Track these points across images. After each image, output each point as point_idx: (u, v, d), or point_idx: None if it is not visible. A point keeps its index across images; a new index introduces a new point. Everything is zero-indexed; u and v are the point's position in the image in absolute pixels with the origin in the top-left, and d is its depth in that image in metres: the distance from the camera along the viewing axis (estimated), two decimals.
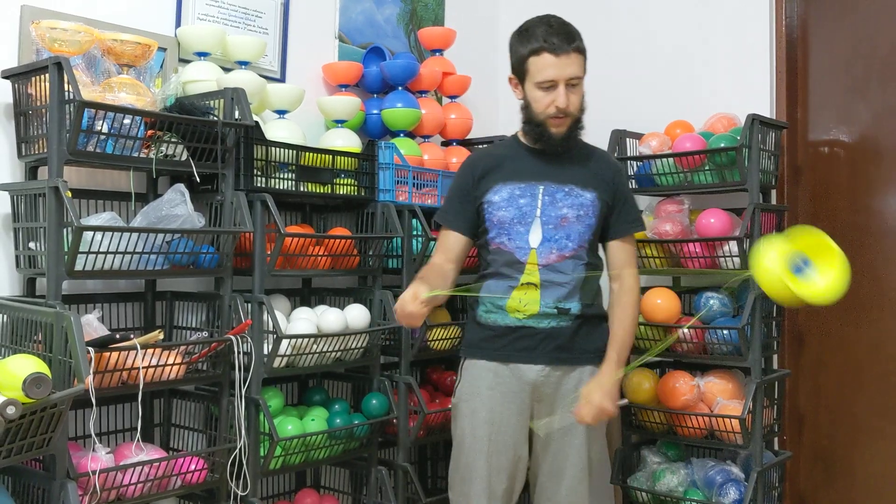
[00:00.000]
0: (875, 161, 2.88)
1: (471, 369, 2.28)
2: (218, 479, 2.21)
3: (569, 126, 2.22)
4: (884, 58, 2.86)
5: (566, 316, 2.20)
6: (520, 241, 2.21)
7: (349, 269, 2.57)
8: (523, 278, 2.20)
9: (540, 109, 2.20)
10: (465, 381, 2.29)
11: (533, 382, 2.21)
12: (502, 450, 2.22)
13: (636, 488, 2.77)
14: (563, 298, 2.20)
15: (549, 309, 2.19)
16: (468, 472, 2.24)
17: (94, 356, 1.89)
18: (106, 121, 2.00)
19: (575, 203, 2.23)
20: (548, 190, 2.23)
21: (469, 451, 2.24)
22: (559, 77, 2.16)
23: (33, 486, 1.95)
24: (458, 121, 3.12)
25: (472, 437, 2.24)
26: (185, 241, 2.13)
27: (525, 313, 2.20)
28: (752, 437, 2.62)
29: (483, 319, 2.26)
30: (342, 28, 3.03)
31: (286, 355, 2.32)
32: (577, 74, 2.18)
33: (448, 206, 2.33)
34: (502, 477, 2.23)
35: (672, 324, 2.75)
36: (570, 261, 2.21)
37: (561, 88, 2.17)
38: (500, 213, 2.23)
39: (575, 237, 2.22)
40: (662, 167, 2.84)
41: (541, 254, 2.20)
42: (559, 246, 2.21)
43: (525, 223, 2.21)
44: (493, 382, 2.23)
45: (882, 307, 2.84)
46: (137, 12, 2.43)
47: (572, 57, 2.16)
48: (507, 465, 2.23)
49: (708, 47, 3.11)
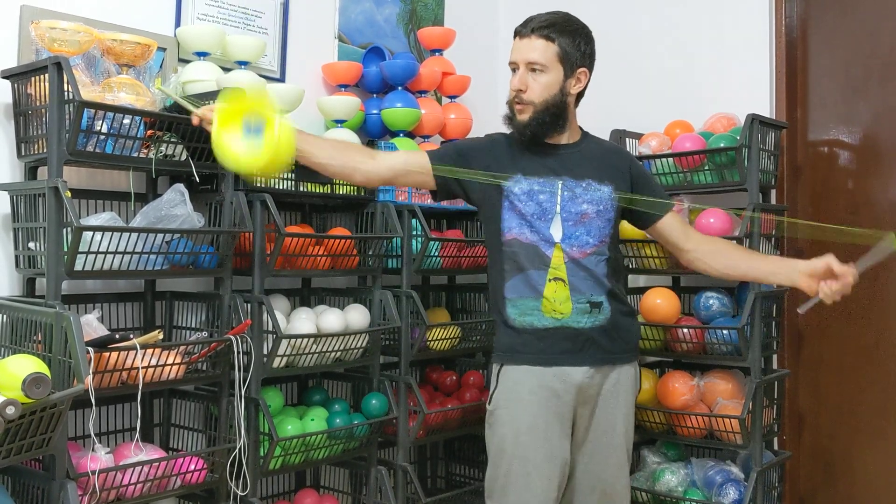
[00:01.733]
0: (875, 161, 2.88)
1: (509, 374, 2.19)
2: (217, 479, 2.21)
3: (532, 115, 2.17)
4: (884, 58, 2.86)
5: (598, 310, 2.16)
6: (543, 235, 2.16)
7: (349, 269, 2.57)
8: (550, 273, 2.15)
9: (510, 92, 2.21)
10: (504, 386, 2.19)
11: (579, 385, 2.15)
12: (550, 456, 2.14)
13: (636, 488, 2.77)
14: (592, 292, 2.16)
15: (581, 304, 2.15)
16: (512, 481, 2.15)
17: (94, 356, 1.89)
18: (105, 121, 2.00)
19: (594, 198, 2.20)
20: (566, 185, 2.19)
21: (512, 458, 2.15)
22: (519, 59, 2.16)
23: (33, 486, 1.95)
24: (457, 121, 3.12)
25: (514, 444, 2.15)
26: (184, 241, 2.13)
27: (562, 312, 2.14)
28: (752, 437, 2.62)
29: (518, 323, 2.17)
30: (342, 28, 3.03)
31: (286, 355, 2.32)
32: (536, 60, 2.14)
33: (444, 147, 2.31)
34: (553, 485, 2.15)
35: (671, 324, 2.75)
36: (592, 257, 2.17)
37: (521, 71, 2.15)
38: (520, 206, 2.17)
39: (595, 233, 2.19)
40: (662, 167, 2.84)
41: (564, 249, 2.16)
42: (580, 243, 2.17)
43: (546, 219, 2.17)
44: (535, 387, 2.15)
45: (882, 307, 2.84)
46: (137, 12, 2.43)
47: (534, 41, 2.14)
48: (557, 472, 2.15)
49: (708, 47, 3.11)
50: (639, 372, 2.32)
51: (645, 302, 2.82)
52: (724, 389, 2.71)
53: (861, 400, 2.89)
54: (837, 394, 2.94)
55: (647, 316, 2.81)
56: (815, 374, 2.99)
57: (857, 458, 2.89)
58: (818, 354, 2.98)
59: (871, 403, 2.86)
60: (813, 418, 3.00)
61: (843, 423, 2.92)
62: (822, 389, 2.97)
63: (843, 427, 2.92)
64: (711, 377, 2.75)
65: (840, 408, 2.93)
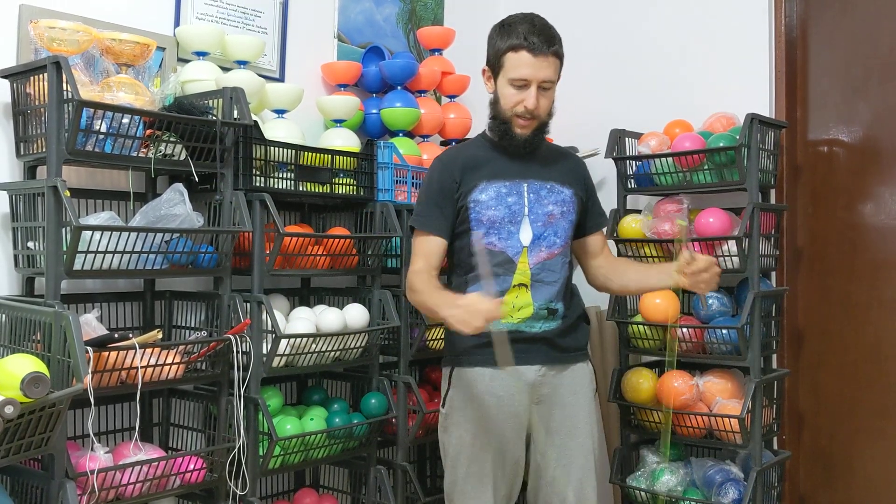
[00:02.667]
0: (875, 161, 2.88)
1: (462, 376, 2.22)
2: (217, 478, 2.21)
3: (534, 129, 2.19)
4: (884, 58, 2.85)
5: (554, 317, 2.20)
6: (511, 241, 2.18)
7: (348, 268, 2.57)
8: (515, 279, 2.17)
9: (508, 106, 2.17)
10: (458, 389, 2.22)
11: (532, 383, 2.19)
12: (505, 457, 2.19)
13: (635, 488, 2.77)
14: (552, 299, 2.19)
15: (540, 311, 2.18)
16: (472, 484, 2.17)
17: (93, 356, 1.89)
18: (104, 120, 2.00)
19: (558, 199, 2.23)
20: (532, 187, 2.21)
21: (469, 460, 2.18)
22: (533, 77, 2.14)
23: (32, 486, 1.95)
24: (457, 120, 3.12)
25: (470, 446, 2.18)
26: (183, 241, 2.13)
27: (519, 317, 2.17)
28: (752, 437, 2.61)
29: None
30: (341, 27, 3.03)
31: (285, 355, 2.32)
32: (550, 78, 2.16)
33: (426, 210, 2.22)
34: (507, 483, 2.21)
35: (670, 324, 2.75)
36: (558, 258, 2.21)
37: (533, 89, 2.14)
38: (489, 212, 2.18)
39: (561, 233, 2.22)
40: (661, 167, 2.84)
41: (531, 252, 2.18)
42: (548, 243, 2.20)
43: (515, 222, 2.19)
44: (489, 387, 2.18)
45: (881, 307, 2.84)
46: (136, 12, 2.43)
47: (549, 60, 2.14)
48: (510, 471, 2.21)
49: (707, 46, 3.10)
50: (593, 371, 2.34)
51: (644, 302, 2.82)
52: (723, 389, 2.71)
53: (861, 400, 2.88)
54: (837, 394, 2.94)
55: (646, 316, 2.81)
56: (815, 374, 2.99)
57: (856, 458, 2.89)
58: (818, 354, 2.98)
59: (871, 403, 2.86)
60: (813, 418, 2.99)
61: (843, 423, 2.92)
62: (822, 389, 2.97)
63: (843, 427, 2.92)
64: (711, 377, 2.75)
65: (840, 408, 2.93)
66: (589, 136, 3.15)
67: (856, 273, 2.90)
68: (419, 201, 2.27)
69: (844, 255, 2.92)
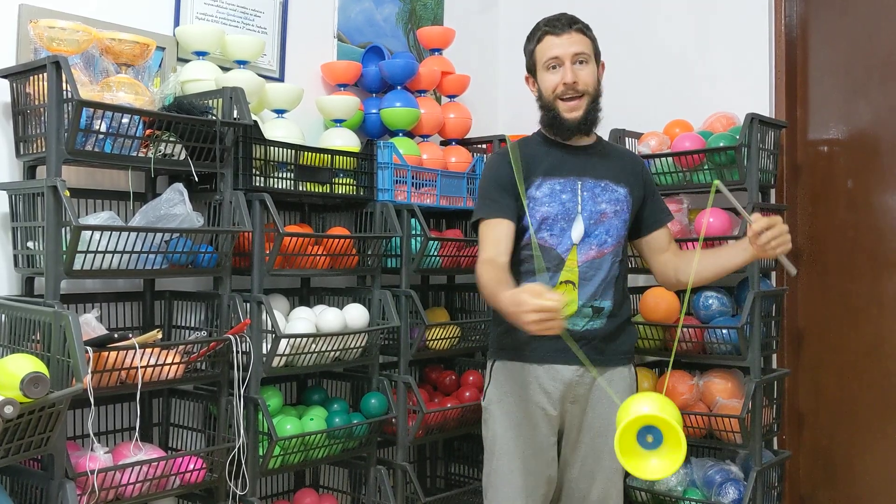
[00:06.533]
0: (875, 161, 2.88)
1: (502, 371, 2.23)
2: (217, 478, 2.21)
3: (584, 109, 2.18)
4: (884, 58, 2.85)
5: (599, 316, 2.17)
6: (562, 237, 2.17)
7: (348, 268, 2.57)
8: (562, 276, 2.16)
9: (549, 91, 2.18)
10: (496, 383, 2.24)
11: (568, 382, 2.17)
12: (537, 452, 2.19)
13: (635, 488, 2.77)
14: (598, 296, 2.17)
15: (584, 308, 2.16)
16: (500, 477, 2.19)
17: (93, 356, 1.89)
18: (104, 120, 2.00)
19: (612, 198, 2.22)
20: (586, 185, 2.20)
21: (500, 454, 2.20)
22: (563, 54, 2.15)
23: (31, 486, 1.94)
24: (456, 120, 3.12)
25: (502, 440, 2.20)
26: (183, 241, 2.13)
27: (563, 314, 2.16)
28: (752, 437, 2.61)
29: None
30: (341, 27, 3.03)
31: (285, 355, 2.32)
32: (582, 50, 2.16)
33: (488, 199, 2.18)
34: (541, 481, 2.19)
35: (671, 323, 2.75)
36: (608, 256, 2.19)
37: (567, 65, 2.15)
38: (542, 208, 2.17)
39: (613, 232, 2.20)
40: (661, 166, 2.84)
41: (581, 250, 2.17)
42: (599, 242, 2.18)
43: (568, 219, 2.17)
44: (524, 383, 2.19)
45: (881, 306, 2.84)
46: (136, 11, 2.43)
47: (575, 36, 2.16)
48: (544, 467, 2.20)
49: (707, 46, 3.10)
50: (635, 375, 2.32)
51: (645, 302, 2.82)
52: (723, 389, 2.71)
53: (861, 400, 2.88)
54: (837, 394, 2.94)
55: (647, 315, 2.81)
56: (815, 373, 2.99)
57: (857, 457, 2.89)
58: (818, 354, 2.98)
59: (871, 403, 2.86)
60: (813, 418, 2.99)
61: (843, 423, 2.92)
62: (822, 389, 2.97)
63: (843, 427, 2.92)
64: (711, 376, 2.75)
65: (840, 408, 2.93)
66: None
67: (856, 273, 2.90)
68: (480, 196, 2.24)
69: (844, 255, 2.92)
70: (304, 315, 2.45)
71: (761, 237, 1.96)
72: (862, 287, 2.88)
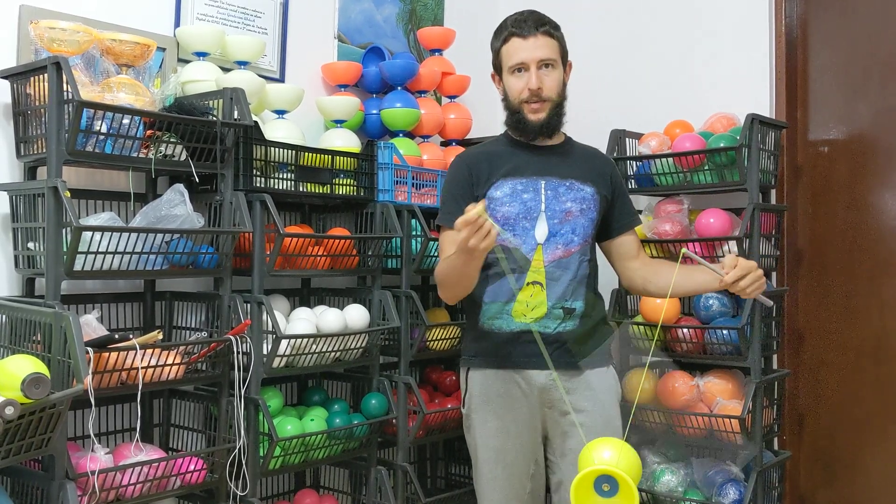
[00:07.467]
0: (875, 161, 2.88)
1: (477, 379, 2.22)
2: (217, 479, 2.21)
3: (548, 112, 2.18)
4: (884, 58, 2.85)
5: (571, 317, 2.16)
6: (525, 237, 2.16)
7: (348, 269, 2.57)
8: (529, 277, 2.14)
9: (514, 95, 2.18)
10: (473, 391, 2.23)
11: (542, 387, 2.16)
12: (520, 458, 2.19)
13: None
14: (569, 297, 2.15)
15: (555, 310, 2.14)
16: (486, 483, 2.21)
17: (93, 356, 1.89)
18: (105, 121, 2.00)
19: (577, 197, 2.20)
20: (549, 185, 2.19)
21: (484, 461, 2.21)
22: (529, 59, 2.14)
23: (32, 487, 1.95)
24: (457, 121, 3.12)
25: (485, 448, 2.20)
26: (184, 242, 2.13)
27: (532, 317, 2.14)
28: (752, 437, 2.61)
29: (487, 326, 2.19)
30: (341, 28, 3.03)
31: (285, 355, 2.32)
32: (547, 56, 2.15)
33: (449, 206, 2.21)
34: (525, 481, 2.20)
35: (671, 324, 2.75)
36: (576, 256, 2.18)
37: (532, 70, 2.14)
38: (503, 208, 2.17)
39: (580, 231, 2.19)
40: (662, 167, 2.84)
41: (546, 250, 2.15)
42: (565, 241, 2.17)
43: (530, 218, 2.16)
44: (500, 390, 2.18)
45: (881, 307, 2.84)
46: (136, 12, 2.43)
47: (540, 39, 2.14)
48: (526, 471, 2.20)
49: (707, 47, 3.10)
50: (616, 376, 2.29)
51: (645, 302, 2.82)
52: (723, 389, 2.71)
53: (861, 400, 2.88)
54: (837, 394, 2.94)
55: (647, 316, 2.81)
56: (815, 374, 2.99)
57: (857, 458, 2.89)
58: (818, 354, 2.98)
59: (871, 403, 2.86)
60: (813, 418, 2.99)
61: (843, 423, 2.92)
62: (822, 389, 2.97)
63: (843, 427, 2.92)
64: (711, 377, 2.75)
65: (840, 408, 2.93)
66: (589, 136, 3.13)
67: (856, 273, 2.90)
68: (441, 201, 2.28)
69: (844, 255, 2.92)
70: (305, 316, 2.45)
71: (737, 285, 1.97)
72: (862, 287, 2.88)
